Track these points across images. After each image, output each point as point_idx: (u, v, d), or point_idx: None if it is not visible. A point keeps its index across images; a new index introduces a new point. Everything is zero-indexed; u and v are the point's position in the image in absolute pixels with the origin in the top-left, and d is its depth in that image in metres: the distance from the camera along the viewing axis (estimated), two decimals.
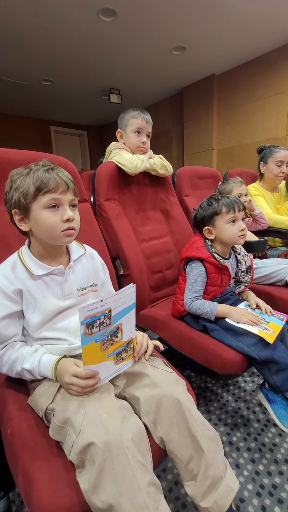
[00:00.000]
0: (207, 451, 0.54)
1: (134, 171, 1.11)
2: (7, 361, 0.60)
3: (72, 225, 0.61)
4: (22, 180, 0.58)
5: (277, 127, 2.98)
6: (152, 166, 1.20)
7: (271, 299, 1.16)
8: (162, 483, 0.80)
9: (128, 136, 1.17)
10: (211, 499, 0.53)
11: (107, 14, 2.22)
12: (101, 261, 0.78)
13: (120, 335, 0.58)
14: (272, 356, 0.78)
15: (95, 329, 0.51)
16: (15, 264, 0.63)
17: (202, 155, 3.77)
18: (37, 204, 0.58)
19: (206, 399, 1.14)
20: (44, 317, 0.63)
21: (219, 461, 0.55)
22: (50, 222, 0.59)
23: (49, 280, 0.64)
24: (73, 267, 0.69)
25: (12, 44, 2.58)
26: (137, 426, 0.52)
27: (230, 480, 0.56)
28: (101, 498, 0.44)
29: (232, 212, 0.92)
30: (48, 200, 0.58)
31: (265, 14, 2.29)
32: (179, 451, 0.55)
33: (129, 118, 1.15)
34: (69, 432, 0.50)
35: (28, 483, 0.47)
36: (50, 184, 0.57)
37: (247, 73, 3.15)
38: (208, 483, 0.53)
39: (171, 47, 2.77)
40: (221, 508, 0.53)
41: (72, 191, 0.61)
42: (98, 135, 5.81)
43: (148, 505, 0.44)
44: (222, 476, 0.55)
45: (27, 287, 0.61)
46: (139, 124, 1.15)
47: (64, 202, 0.60)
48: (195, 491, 0.54)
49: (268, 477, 0.83)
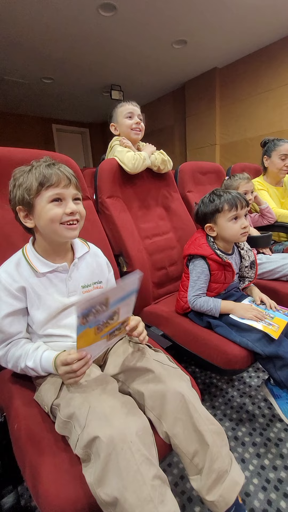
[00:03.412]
0: (212, 445, 0.54)
1: (134, 171, 1.12)
2: (11, 358, 0.61)
3: (76, 217, 0.62)
4: (24, 177, 0.59)
5: (282, 120, 2.93)
6: (154, 162, 1.20)
7: (276, 294, 1.15)
8: (168, 478, 0.80)
9: (122, 124, 1.21)
10: (217, 493, 0.53)
11: (107, 9, 2.20)
12: (105, 259, 0.79)
13: (117, 317, 0.57)
14: (277, 352, 0.77)
15: (90, 317, 0.50)
16: (19, 262, 0.63)
17: (205, 150, 3.73)
18: (40, 198, 0.59)
19: (211, 394, 1.14)
20: (48, 314, 0.63)
21: (224, 455, 0.55)
22: (53, 213, 0.59)
23: (53, 277, 0.65)
24: (77, 264, 0.69)
25: (11, 42, 2.58)
26: (141, 420, 0.53)
27: (236, 474, 0.56)
28: (106, 491, 0.44)
29: (234, 209, 0.90)
30: (52, 194, 0.59)
31: (267, 5, 2.25)
32: (184, 445, 0.55)
33: (117, 109, 1.22)
34: (74, 426, 0.51)
35: (35, 477, 0.48)
36: (52, 178, 0.58)
37: (250, 65, 3.10)
38: (214, 477, 0.53)
39: (172, 41, 2.73)
40: (227, 501, 0.53)
41: (74, 186, 0.62)
42: (100, 132, 5.79)
43: (153, 498, 0.44)
44: (227, 470, 0.55)
45: (31, 285, 0.62)
46: (129, 109, 1.20)
47: (67, 196, 0.61)
48: (200, 485, 0.54)
49: (273, 472, 0.83)
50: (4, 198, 0.80)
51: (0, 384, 0.69)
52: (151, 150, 1.21)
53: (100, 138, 5.80)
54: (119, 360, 0.67)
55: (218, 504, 0.53)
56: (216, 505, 0.53)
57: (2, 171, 0.81)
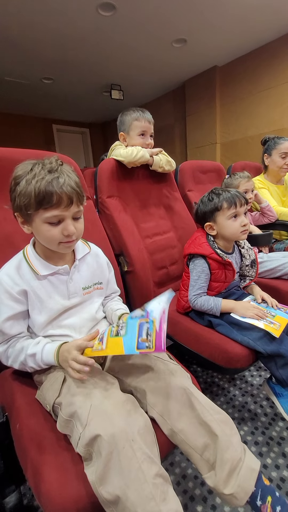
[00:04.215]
0: (220, 434, 0.52)
1: (130, 159, 1.09)
2: (12, 353, 0.61)
3: (72, 239, 0.60)
4: (24, 187, 0.55)
5: (282, 118, 2.92)
6: (159, 163, 1.19)
7: (277, 293, 1.14)
8: (170, 477, 0.80)
9: (133, 138, 1.16)
10: (235, 484, 0.50)
11: (106, 8, 2.20)
12: (106, 259, 0.78)
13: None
14: (279, 350, 0.77)
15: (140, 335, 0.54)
16: (20, 264, 0.63)
17: (205, 149, 3.72)
18: (38, 217, 0.56)
19: (213, 393, 1.14)
20: (49, 317, 0.64)
21: (235, 444, 0.53)
22: (50, 234, 0.57)
23: (54, 280, 0.65)
24: (78, 266, 0.69)
25: (11, 43, 2.58)
26: (143, 419, 0.53)
27: (251, 461, 0.53)
28: (108, 490, 0.44)
29: (233, 207, 0.90)
30: (50, 216, 0.56)
31: (267, 2, 2.23)
32: (191, 440, 0.54)
33: (132, 120, 1.14)
34: (76, 425, 0.51)
35: (37, 476, 0.48)
36: (52, 199, 0.54)
37: (250, 63, 3.09)
38: (228, 467, 0.50)
39: (172, 39, 2.73)
40: (246, 490, 0.50)
41: (77, 203, 0.58)
42: (101, 132, 5.79)
43: (155, 496, 0.44)
44: (241, 458, 0.52)
45: (33, 288, 0.62)
46: (143, 127, 1.15)
47: (67, 217, 0.58)
48: (216, 480, 0.51)
49: (276, 471, 0.83)
50: (4, 198, 0.80)
51: (2, 384, 0.70)
52: (156, 150, 1.20)
53: (101, 138, 5.81)
54: (119, 358, 0.67)
55: (237, 495, 0.50)
56: (235, 497, 0.50)
57: (3, 172, 0.81)
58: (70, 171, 0.59)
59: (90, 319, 0.70)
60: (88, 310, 0.70)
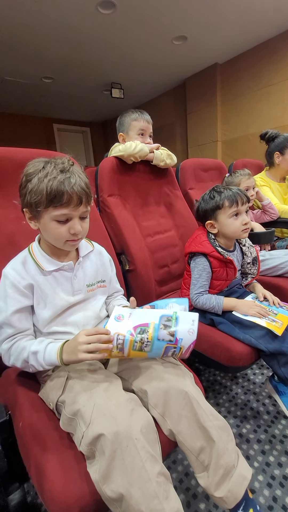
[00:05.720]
0: (217, 440, 0.54)
1: (130, 151, 1.08)
2: (15, 350, 0.61)
3: (78, 237, 0.62)
4: (36, 185, 0.56)
5: (284, 115, 2.90)
6: (160, 157, 1.19)
7: (279, 291, 1.14)
8: (173, 475, 0.81)
9: (132, 138, 1.17)
10: (225, 488, 0.53)
11: (106, 6, 2.18)
12: (109, 257, 0.79)
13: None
14: (281, 348, 0.77)
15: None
16: (25, 260, 0.64)
17: (206, 147, 3.71)
18: (47, 214, 0.58)
19: (215, 392, 1.14)
20: (54, 312, 0.64)
21: (230, 450, 0.55)
22: (57, 232, 0.59)
23: (59, 276, 0.66)
24: (82, 263, 0.70)
25: (11, 43, 2.57)
26: (146, 418, 0.53)
27: (243, 468, 0.55)
28: (112, 488, 0.45)
29: (235, 205, 0.90)
30: (59, 215, 0.57)
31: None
32: (189, 442, 0.55)
33: (130, 121, 1.16)
34: (79, 423, 0.51)
35: (40, 474, 0.48)
36: (63, 198, 0.56)
37: (251, 60, 3.06)
38: (221, 472, 0.53)
39: (172, 37, 2.71)
40: (236, 496, 0.53)
41: (85, 204, 0.60)
42: (102, 131, 5.78)
43: (158, 494, 0.45)
44: (234, 465, 0.55)
45: (38, 283, 0.63)
46: (142, 126, 1.16)
47: (75, 216, 0.59)
48: (208, 482, 0.54)
49: (279, 468, 0.83)
50: (6, 197, 0.80)
51: (5, 382, 0.70)
52: (156, 145, 1.20)
53: (101, 137, 5.80)
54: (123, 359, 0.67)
55: (227, 499, 0.53)
56: (225, 501, 0.53)
57: (4, 171, 0.81)
58: (81, 172, 0.60)
59: (94, 316, 0.71)
60: (92, 308, 0.71)
